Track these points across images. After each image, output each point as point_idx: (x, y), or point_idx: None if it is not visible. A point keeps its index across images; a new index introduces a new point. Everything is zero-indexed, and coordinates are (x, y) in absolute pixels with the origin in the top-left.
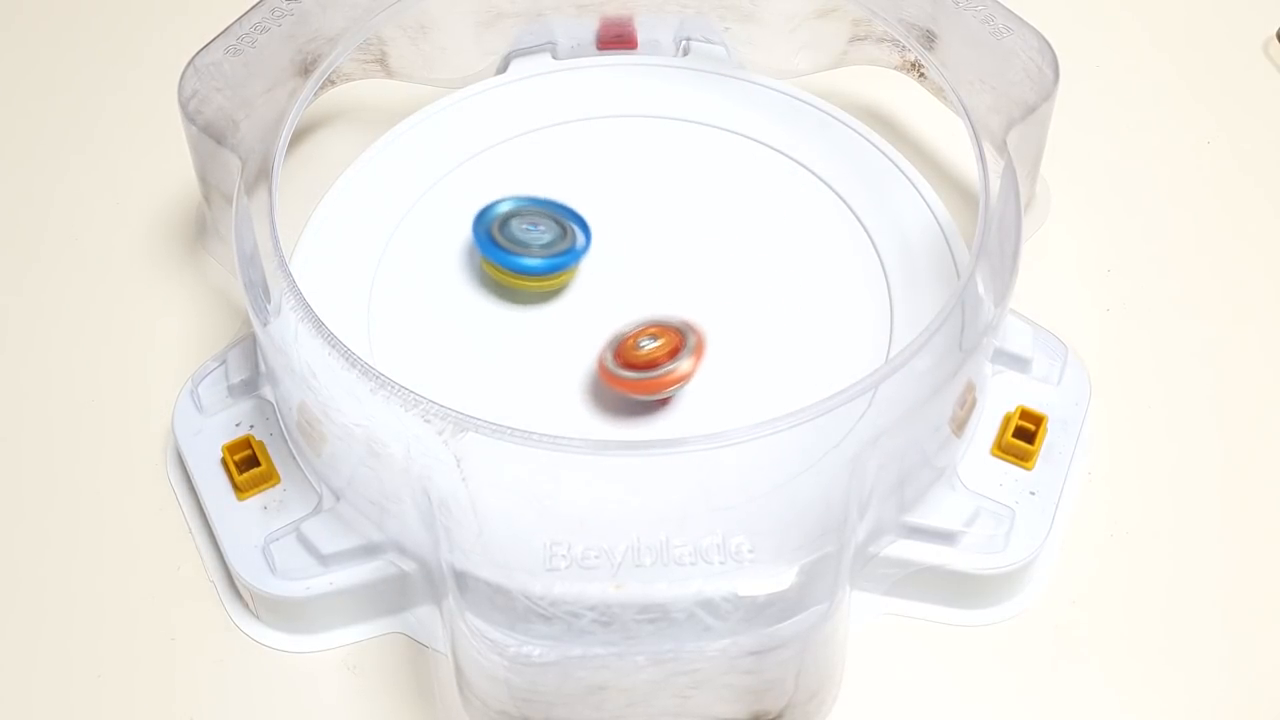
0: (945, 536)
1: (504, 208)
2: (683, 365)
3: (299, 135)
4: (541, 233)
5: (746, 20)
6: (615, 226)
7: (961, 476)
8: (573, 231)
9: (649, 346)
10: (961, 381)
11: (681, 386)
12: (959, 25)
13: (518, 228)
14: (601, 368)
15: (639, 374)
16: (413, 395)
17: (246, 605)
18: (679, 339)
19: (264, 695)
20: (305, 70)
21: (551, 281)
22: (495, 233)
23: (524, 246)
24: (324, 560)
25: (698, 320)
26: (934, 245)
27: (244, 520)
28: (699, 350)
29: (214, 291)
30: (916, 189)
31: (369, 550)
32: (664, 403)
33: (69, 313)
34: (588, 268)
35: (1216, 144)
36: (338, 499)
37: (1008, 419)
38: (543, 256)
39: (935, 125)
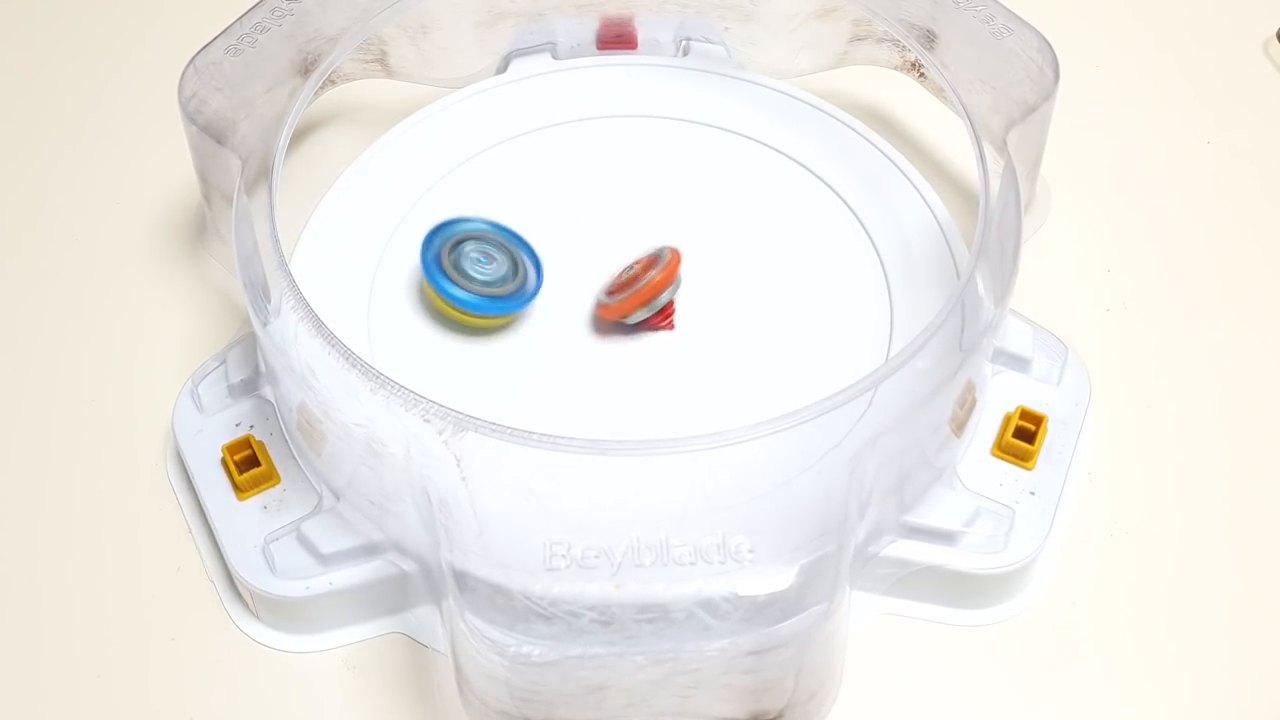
0: (945, 536)
1: (463, 228)
2: (654, 275)
3: (299, 135)
4: (493, 268)
5: (746, 20)
6: (615, 226)
7: (961, 476)
8: (525, 272)
9: (627, 273)
10: (961, 381)
11: (663, 295)
12: (959, 25)
13: (470, 255)
14: (598, 307)
15: (623, 294)
16: (413, 395)
17: (246, 605)
18: (651, 259)
19: (264, 695)
20: (305, 70)
21: (487, 320)
22: (444, 255)
23: (467, 279)
24: (324, 560)
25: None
26: (934, 245)
27: (244, 520)
28: (671, 264)
29: (214, 291)
30: (916, 189)
31: (369, 550)
32: (667, 325)
33: (69, 312)
34: (588, 268)
35: (1216, 144)
36: (338, 499)
37: (1008, 419)
38: (481, 295)
39: (935, 125)
